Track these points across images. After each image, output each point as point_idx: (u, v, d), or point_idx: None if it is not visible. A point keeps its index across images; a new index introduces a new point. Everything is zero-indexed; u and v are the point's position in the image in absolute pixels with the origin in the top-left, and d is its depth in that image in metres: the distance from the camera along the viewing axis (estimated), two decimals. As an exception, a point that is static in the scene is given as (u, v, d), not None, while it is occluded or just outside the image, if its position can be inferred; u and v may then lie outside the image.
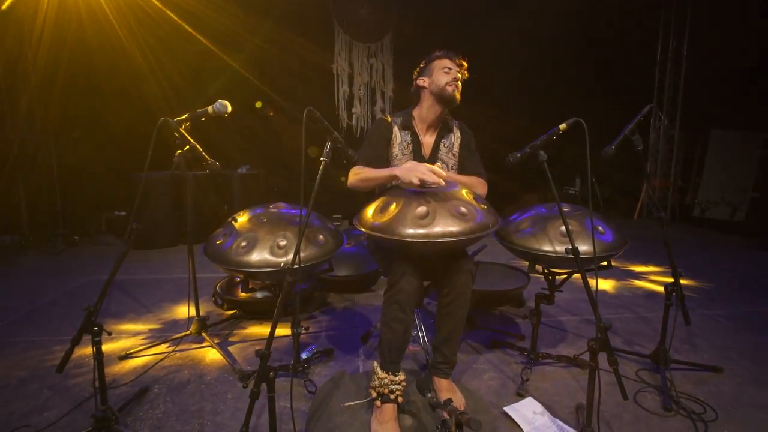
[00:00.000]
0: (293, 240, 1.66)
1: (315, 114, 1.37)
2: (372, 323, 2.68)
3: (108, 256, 4.17)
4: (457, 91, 1.96)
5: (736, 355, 2.26)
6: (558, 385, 2.00)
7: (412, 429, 1.66)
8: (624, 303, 2.97)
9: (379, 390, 1.68)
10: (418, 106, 2.09)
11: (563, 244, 1.77)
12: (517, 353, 2.26)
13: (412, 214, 1.57)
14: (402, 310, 1.66)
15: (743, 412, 1.79)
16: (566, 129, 1.51)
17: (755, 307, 2.93)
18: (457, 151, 2.12)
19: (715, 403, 1.82)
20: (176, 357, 2.23)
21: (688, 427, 1.68)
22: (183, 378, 2.04)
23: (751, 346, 2.36)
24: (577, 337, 2.49)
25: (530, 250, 1.81)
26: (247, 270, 1.60)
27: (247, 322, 2.65)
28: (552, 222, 1.85)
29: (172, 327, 2.60)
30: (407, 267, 1.66)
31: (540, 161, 1.50)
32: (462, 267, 1.74)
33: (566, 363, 2.16)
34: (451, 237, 1.52)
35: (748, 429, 1.69)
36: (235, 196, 4.57)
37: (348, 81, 6.17)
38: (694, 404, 1.81)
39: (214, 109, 1.67)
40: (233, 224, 1.74)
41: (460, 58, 2.05)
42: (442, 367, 1.87)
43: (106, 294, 1.59)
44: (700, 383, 2.00)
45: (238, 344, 2.39)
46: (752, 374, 2.08)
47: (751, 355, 2.27)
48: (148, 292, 3.19)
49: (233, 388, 1.96)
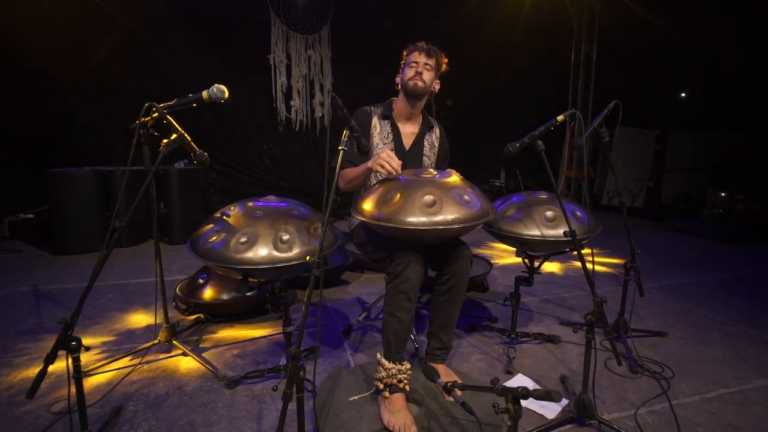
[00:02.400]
0: (296, 234, 1.59)
1: (338, 102, 1.32)
2: (347, 317, 2.65)
3: (19, 265, 3.61)
4: (421, 82, 1.98)
5: (673, 320, 2.60)
6: (538, 360, 2.15)
7: (421, 416, 1.68)
8: (573, 282, 3.27)
9: (386, 381, 1.67)
10: (396, 100, 2.14)
11: (549, 229, 1.91)
12: (496, 334, 2.39)
13: (420, 202, 1.58)
14: (408, 299, 1.67)
15: (693, 367, 2.08)
16: (563, 120, 1.62)
17: (677, 279, 3.40)
18: (437, 150, 2.19)
19: (670, 363, 2.09)
20: (144, 370, 2.02)
21: (654, 385, 1.91)
22: (159, 391, 1.85)
23: (683, 312, 2.74)
24: (542, 315, 2.69)
25: (519, 236, 1.92)
26: (254, 267, 1.49)
27: (215, 326, 2.47)
28: (537, 208, 1.97)
29: (130, 338, 2.34)
30: (412, 256, 1.68)
31: (538, 150, 1.59)
32: (461, 253, 1.80)
33: (541, 339, 2.32)
34: (458, 224, 1.56)
35: (700, 381, 1.96)
36: (173, 193, 4.20)
37: (286, 73, 5.96)
38: (654, 366, 2.06)
39: (210, 95, 1.52)
40: (227, 220, 1.61)
41: (429, 51, 2.02)
42: (439, 353, 1.91)
43: (83, 304, 1.40)
44: (653, 347, 2.27)
45: (212, 350, 2.23)
46: (690, 335, 2.42)
47: (684, 319, 2.63)
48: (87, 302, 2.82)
49: (221, 396, 1.82)
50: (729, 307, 2.82)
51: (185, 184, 4.26)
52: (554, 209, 1.95)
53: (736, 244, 4.93)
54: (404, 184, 1.68)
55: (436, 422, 1.64)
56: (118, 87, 4.90)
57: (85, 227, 3.94)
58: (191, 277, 2.69)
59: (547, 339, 2.32)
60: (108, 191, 4.08)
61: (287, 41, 5.91)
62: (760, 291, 3.22)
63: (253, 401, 1.79)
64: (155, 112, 1.62)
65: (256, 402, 1.78)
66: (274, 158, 6.11)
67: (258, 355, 2.18)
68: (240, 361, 2.12)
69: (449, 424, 1.62)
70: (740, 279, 3.49)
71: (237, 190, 5.57)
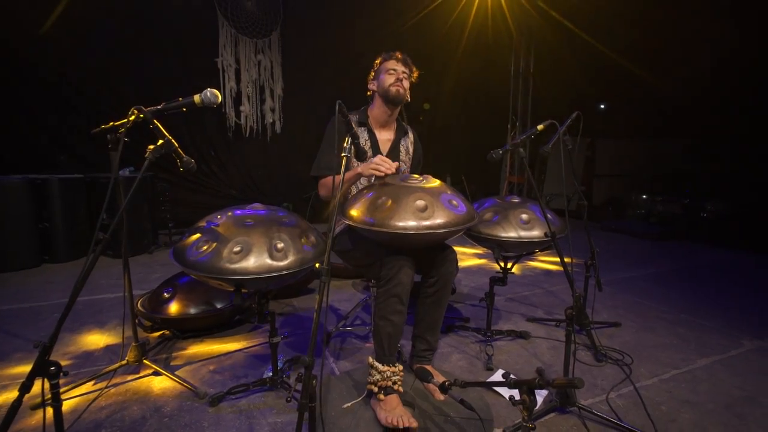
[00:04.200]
0: (290, 241, 1.56)
1: (344, 109, 1.33)
2: (322, 325, 2.62)
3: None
4: (402, 89, 2.04)
5: (624, 312, 2.86)
6: (513, 356, 2.26)
7: (416, 416, 1.70)
8: (531, 281, 3.47)
9: (381, 384, 1.69)
10: (372, 107, 2.17)
11: (524, 230, 2.03)
12: (471, 334, 2.48)
13: (412, 207, 1.62)
14: (401, 302, 1.70)
15: (647, 352, 2.30)
16: (543, 129, 1.74)
17: (621, 274, 3.73)
18: (411, 155, 2.25)
19: (627, 350, 2.29)
20: (113, 393, 1.86)
21: (618, 371, 2.09)
22: (135, 415, 1.72)
23: (630, 304, 3.01)
24: (509, 314, 2.83)
25: (498, 238, 2.02)
26: (252, 277, 1.45)
27: (184, 343, 2.34)
28: (512, 211, 2.09)
29: (89, 360, 2.14)
30: (404, 260, 1.71)
31: (520, 157, 1.70)
32: (448, 256, 1.86)
33: (513, 336, 2.45)
34: (449, 227, 1.62)
35: (656, 364, 2.17)
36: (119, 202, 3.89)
37: (235, 77, 5.77)
38: (615, 354, 2.25)
39: (203, 99, 1.44)
40: (216, 229, 1.55)
41: (405, 61, 2.08)
42: (427, 354, 1.96)
43: (62, 326, 1.28)
44: (610, 337, 2.48)
45: (186, 367, 2.10)
46: (640, 324, 2.67)
47: (633, 310, 2.90)
48: (27, 324, 2.55)
49: (204, 415, 1.73)
50: (668, 298, 3.15)
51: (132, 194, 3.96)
52: (528, 212, 2.08)
53: (660, 241, 5.48)
54: (394, 189, 1.71)
55: (432, 422, 1.68)
56: (54, 91, 4.48)
57: (14, 242, 3.54)
58: (153, 291, 2.52)
59: (519, 335, 2.45)
60: (42, 201, 3.71)
61: (236, 45, 5.74)
62: (691, 282, 3.63)
63: (241, 417, 1.72)
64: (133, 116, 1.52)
65: (245, 418, 1.71)
66: (222, 165, 5.87)
67: (236, 369, 2.09)
68: (218, 376, 2.02)
69: (444, 423, 1.67)
70: (672, 272, 3.91)
71: (186, 199, 5.30)
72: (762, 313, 2.90)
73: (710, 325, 2.67)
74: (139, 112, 1.44)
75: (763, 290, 3.49)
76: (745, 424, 1.72)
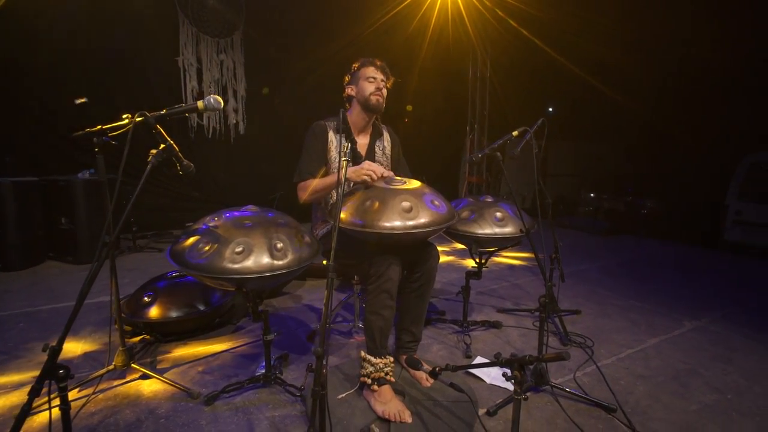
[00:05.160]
0: (288, 241, 1.63)
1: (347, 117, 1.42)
2: (305, 323, 2.69)
3: None
4: (382, 98, 2.13)
5: (582, 301, 3.13)
6: (488, 344, 2.44)
7: (407, 403, 1.82)
8: (497, 275, 3.70)
9: (374, 376, 1.80)
10: (349, 111, 2.22)
11: (499, 227, 2.21)
12: (448, 325, 2.64)
13: (398, 208, 1.74)
14: (390, 297, 1.81)
15: (605, 335, 2.55)
16: (518, 135, 1.91)
17: (576, 267, 4.05)
18: (389, 154, 2.35)
19: (588, 334, 2.54)
20: (101, 399, 1.84)
21: (581, 353, 2.31)
22: (129, 418, 1.72)
23: (587, 293, 3.30)
24: (480, 306, 3.02)
25: (474, 234, 2.19)
26: (255, 276, 1.51)
27: (167, 346, 2.33)
28: (487, 210, 2.26)
29: (68, 368, 2.09)
30: (392, 258, 1.82)
31: (497, 160, 1.86)
32: (431, 253, 2.00)
33: (486, 326, 2.63)
34: (433, 226, 1.75)
35: (613, 345, 2.43)
36: (78, 206, 3.74)
37: (197, 77, 5.65)
38: (578, 338, 2.49)
39: (207, 105, 1.47)
40: (215, 231, 1.59)
41: (384, 69, 2.17)
42: (412, 345, 2.08)
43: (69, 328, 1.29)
44: (572, 323, 2.72)
45: (174, 369, 2.11)
46: (597, 311, 2.94)
47: (590, 298, 3.18)
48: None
49: (201, 414, 1.76)
50: (618, 286, 3.48)
51: (92, 197, 3.82)
52: (502, 210, 2.26)
53: (607, 236, 5.95)
54: (380, 192, 1.82)
55: (422, 406, 1.80)
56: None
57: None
58: (132, 296, 2.48)
59: (492, 325, 2.63)
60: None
61: (197, 44, 5.62)
62: (637, 272, 4.01)
63: (239, 413, 1.77)
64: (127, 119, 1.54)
65: (242, 414, 1.76)
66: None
67: (226, 369, 2.12)
68: (209, 377, 2.05)
69: (434, 407, 1.80)
70: (620, 264, 4.28)
71: (148, 203, 5.12)
72: (697, 298, 3.27)
73: (656, 310, 2.99)
74: (142, 116, 1.45)
75: (696, 278, 3.92)
76: (689, 391, 1.98)
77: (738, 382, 2.07)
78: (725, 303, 3.18)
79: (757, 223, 5.25)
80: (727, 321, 2.82)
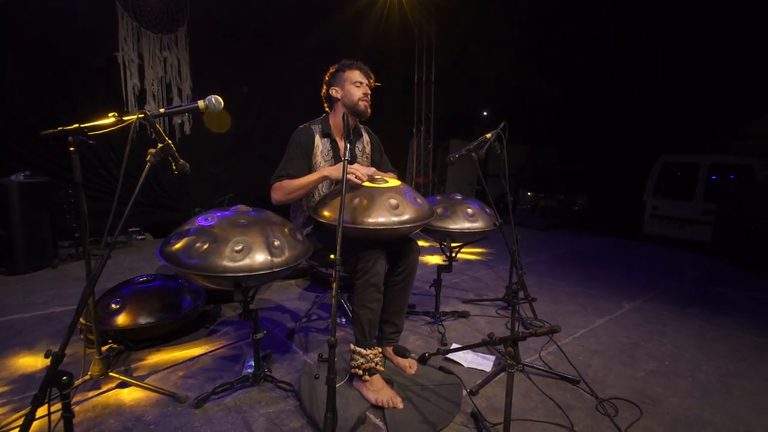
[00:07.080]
0: (284, 239, 1.67)
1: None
2: (281, 323, 2.70)
3: None
4: (369, 104, 2.19)
5: (536, 290, 3.41)
6: (460, 332, 2.61)
7: (396, 390, 1.93)
8: (458, 270, 3.91)
9: (365, 367, 1.88)
10: (333, 114, 2.24)
11: (470, 222, 2.38)
12: (420, 317, 2.78)
13: (386, 205, 1.84)
14: (378, 291, 1.91)
15: (560, 318, 2.83)
16: (491, 138, 2.08)
17: (525, 260, 4.35)
18: (369, 154, 2.43)
19: (546, 318, 2.80)
20: (79, 411, 1.74)
21: (545, 339, 2.55)
22: (114, 428, 1.66)
23: (538, 283, 3.61)
24: (446, 298, 3.19)
25: (448, 230, 2.34)
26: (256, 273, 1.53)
27: (139, 354, 2.24)
28: (459, 206, 2.43)
29: (30, 383, 1.94)
30: (378, 253, 1.92)
31: (473, 161, 2.02)
32: (413, 247, 2.12)
33: (456, 316, 2.81)
34: (417, 222, 1.88)
35: (568, 326, 2.70)
36: (14, 211, 3.41)
37: (138, 74, 5.34)
38: (537, 322, 2.73)
39: (207, 105, 1.45)
40: (212, 230, 1.58)
41: (368, 74, 2.22)
42: (394, 336, 2.19)
43: (72, 333, 1.25)
44: (529, 309, 2.98)
45: (153, 376, 2.04)
46: (549, 298, 3.24)
47: (541, 287, 3.48)
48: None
49: (192, 417, 1.74)
50: (564, 276, 3.83)
51: (29, 201, 3.51)
52: (472, 207, 2.44)
53: (545, 230, 6.46)
54: (366, 190, 1.91)
55: (411, 392, 1.91)
56: None
57: None
58: (97, 303, 2.34)
59: (460, 315, 2.81)
60: None
61: (138, 39, 5.31)
62: (578, 262, 4.42)
63: (232, 413, 1.77)
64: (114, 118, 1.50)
65: (236, 413, 1.77)
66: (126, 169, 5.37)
67: (209, 371, 2.09)
68: (192, 381, 2.01)
69: (422, 391, 1.92)
70: (560, 256, 4.70)
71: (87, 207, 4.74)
72: (630, 283, 3.70)
73: (599, 294, 3.35)
74: (144, 116, 1.43)
75: (625, 266, 4.42)
76: (635, 361, 2.28)
77: (672, 351, 2.41)
78: (653, 286, 3.63)
79: (669, 217, 5.99)
80: (657, 301, 3.24)
